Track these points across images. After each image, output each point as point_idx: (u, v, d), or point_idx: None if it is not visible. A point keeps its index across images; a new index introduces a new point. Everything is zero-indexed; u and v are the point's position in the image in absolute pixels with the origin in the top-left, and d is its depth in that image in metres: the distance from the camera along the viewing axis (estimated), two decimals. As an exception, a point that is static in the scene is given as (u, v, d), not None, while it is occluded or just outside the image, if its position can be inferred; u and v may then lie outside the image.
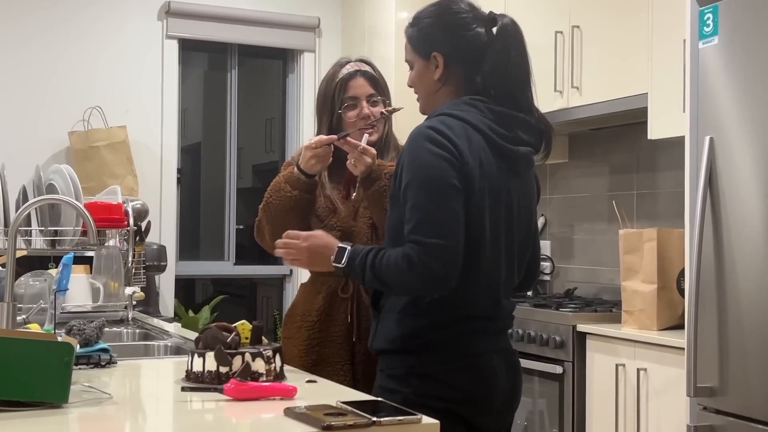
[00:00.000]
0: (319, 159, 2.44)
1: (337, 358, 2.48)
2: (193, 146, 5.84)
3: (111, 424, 1.70)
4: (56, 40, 4.87)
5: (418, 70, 2.12)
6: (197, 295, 5.90)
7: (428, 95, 2.12)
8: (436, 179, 1.91)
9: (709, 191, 2.58)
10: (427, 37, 2.08)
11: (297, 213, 2.50)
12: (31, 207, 2.52)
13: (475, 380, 2.01)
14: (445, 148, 1.93)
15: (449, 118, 1.99)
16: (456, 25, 2.06)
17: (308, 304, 2.55)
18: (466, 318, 2.01)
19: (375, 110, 2.57)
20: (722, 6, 2.60)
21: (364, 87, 2.58)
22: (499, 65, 2.03)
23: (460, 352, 2.00)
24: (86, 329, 2.17)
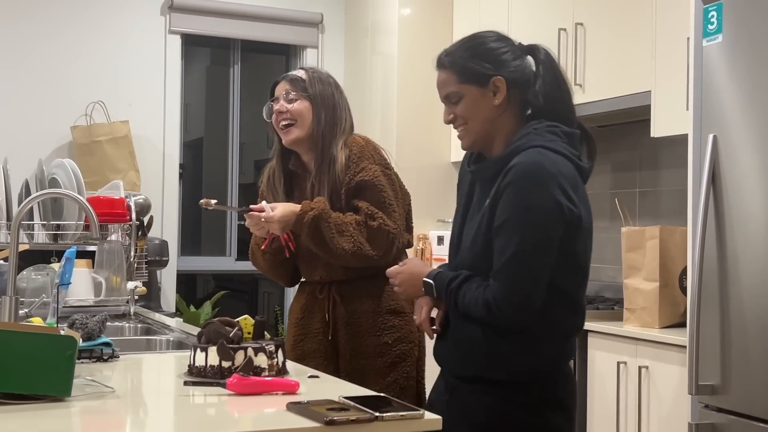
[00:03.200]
0: (254, 227, 2.59)
1: (318, 354, 2.63)
2: (196, 141, 5.84)
3: (113, 417, 1.70)
4: (59, 35, 4.87)
5: (471, 99, 2.03)
6: (199, 291, 5.91)
7: (485, 123, 2.04)
8: (540, 228, 1.92)
9: (712, 189, 2.58)
10: (482, 62, 2.03)
11: (279, 268, 2.74)
12: (34, 201, 2.52)
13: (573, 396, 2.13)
14: (558, 199, 1.91)
15: (550, 152, 1.96)
16: (513, 50, 2.06)
17: (296, 303, 2.75)
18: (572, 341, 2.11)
19: (291, 106, 2.63)
20: (726, 4, 2.60)
21: (282, 87, 2.67)
22: (552, 90, 2.05)
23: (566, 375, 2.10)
24: (89, 323, 2.17)
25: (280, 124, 2.63)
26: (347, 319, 2.61)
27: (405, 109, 4.92)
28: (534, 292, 1.92)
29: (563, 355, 2.05)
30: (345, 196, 2.56)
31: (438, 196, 4.78)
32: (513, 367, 1.97)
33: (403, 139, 4.83)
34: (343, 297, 2.62)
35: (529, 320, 1.94)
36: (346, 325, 2.61)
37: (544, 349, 1.99)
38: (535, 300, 1.92)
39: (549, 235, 1.92)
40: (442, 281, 2.03)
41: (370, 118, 4.98)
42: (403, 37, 4.92)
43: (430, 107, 4.92)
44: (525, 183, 1.92)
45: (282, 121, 2.62)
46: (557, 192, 1.91)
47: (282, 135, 2.64)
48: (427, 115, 4.93)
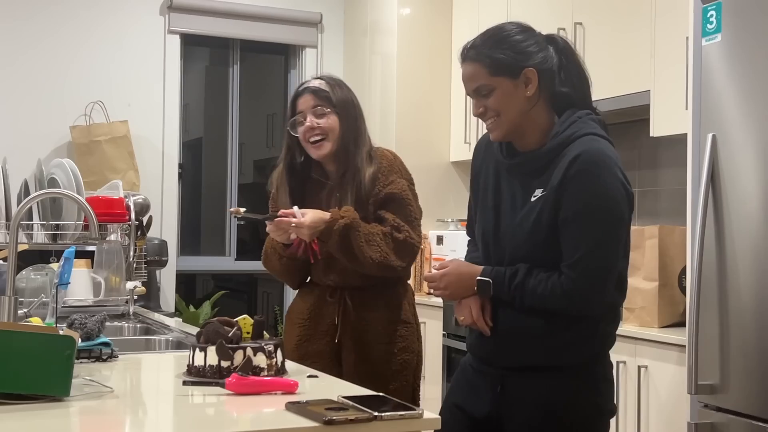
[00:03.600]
0: (278, 232, 2.56)
1: (323, 355, 2.63)
2: (195, 141, 5.84)
3: (112, 417, 1.70)
4: (59, 35, 4.87)
5: (503, 91, 2.03)
6: (198, 290, 5.91)
7: (518, 115, 2.04)
8: (617, 212, 1.98)
9: (711, 189, 2.58)
10: (514, 54, 2.03)
11: (293, 273, 2.72)
12: (33, 201, 2.52)
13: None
14: (623, 181, 1.99)
15: (602, 139, 2.02)
16: (539, 41, 2.07)
17: (301, 304, 2.74)
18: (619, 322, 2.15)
19: (321, 121, 2.63)
20: (725, 3, 2.60)
21: (308, 101, 2.66)
22: (576, 79, 2.08)
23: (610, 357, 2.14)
24: (88, 323, 2.17)
25: (309, 140, 2.63)
26: (356, 324, 2.62)
27: (404, 108, 4.92)
28: (612, 280, 1.99)
29: (614, 337, 2.11)
30: (372, 206, 2.61)
31: (437, 195, 4.79)
32: (574, 352, 2.02)
33: (402, 138, 4.83)
34: (354, 303, 2.63)
35: (605, 308, 2.02)
36: (354, 330, 2.62)
37: (602, 332, 2.05)
38: (612, 287, 1.99)
39: (624, 221, 2.00)
40: (501, 278, 2.03)
41: (370, 118, 4.95)
42: (402, 36, 4.92)
43: (430, 107, 4.94)
44: (596, 170, 1.96)
45: (313, 137, 2.63)
46: (621, 176, 1.99)
47: (312, 149, 2.64)
48: (427, 115, 4.94)
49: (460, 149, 4.82)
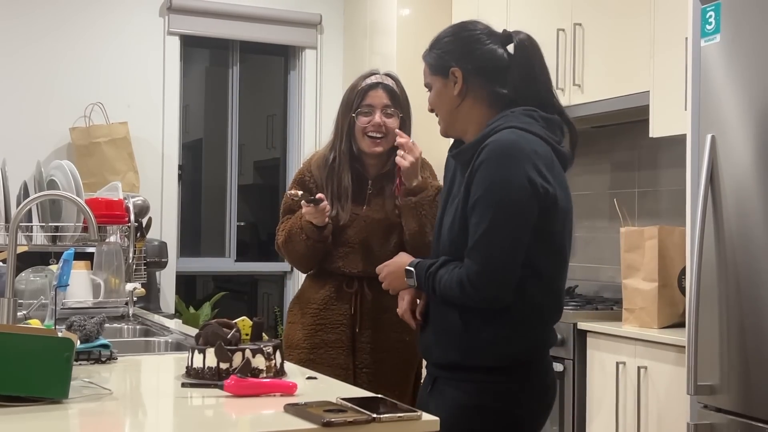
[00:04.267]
0: (317, 214, 2.61)
1: (338, 344, 2.68)
2: (195, 142, 5.84)
3: (111, 419, 1.70)
4: (58, 37, 4.87)
5: (436, 90, 2.15)
6: (198, 292, 5.90)
7: (449, 113, 2.13)
8: (512, 204, 1.93)
9: (711, 189, 2.58)
10: (444, 54, 2.12)
11: (314, 256, 2.73)
12: (32, 203, 2.53)
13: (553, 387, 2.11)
14: (530, 175, 1.94)
15: (525, 133, 1.99)
16: (471, 39, 2.10)
17: (314, 293, 2.76)
18: (550, 327, 2.09)
19: (388, 121, 2.71)
20: (724, 4, 2.60)
21: (381, 98, 2.73)
22: (525, 78, 2.07)
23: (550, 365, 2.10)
24: (87, 325, 2.17)
25: (369, 134, 2.69)
26: (373, 314, 2.69)
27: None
28: (507, 268, 1.93)
29: (542, 342, 2.05)
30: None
31: (437, 196, 4.78)
32: (492, 353, 1.98)
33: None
34: (373, 293, 2.67)
35: (503, 298, 1.95)
36: (371, 319, 2.69)
37: (522, 335, 1.99)
38: (509, 277, 1.93)
39: (522, 211, 1.93)
40: (422, 269, 2.06)
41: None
42: (402, 37, 4.92)
43: (429, 108, 4.93)
44: (498, 160, 1.95)
45: (375, 133, 2.69)
46: (530, 169, 1.93)
47: (367, 143, 2.70)
48: (426, 116, 4.92)
49: (460, 150, 4.81)
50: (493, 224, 1.92)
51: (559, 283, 2.05)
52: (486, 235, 1.92)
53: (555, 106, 2.10)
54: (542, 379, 2.06)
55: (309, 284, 2.81)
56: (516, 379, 2.00)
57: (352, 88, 2.77)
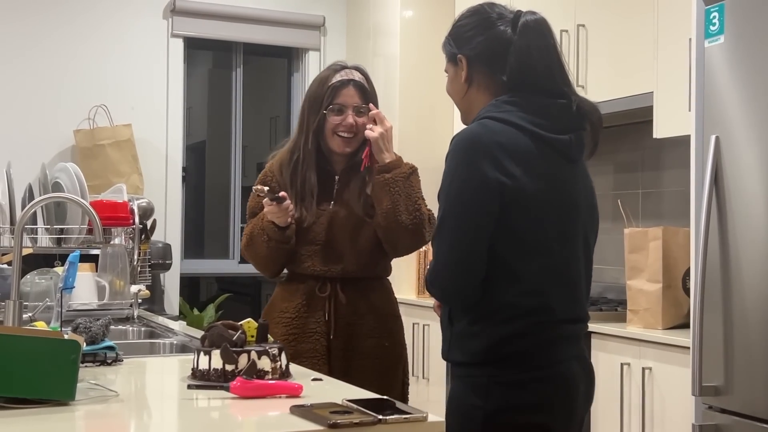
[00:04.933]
0: (280, 213, 2.52)
1: (314, 353, 2.57)
2: (198, 144, 5.85)
3: (117, 421, 1.70)
4: (62, 39, 4.88)
5: (449, 77, 2.12)
6: (202, 294, 5.91)
7: (460, 100, 2.10)
8: (462, 200, 1.90)
9: (715, 190, 2.58)
10: (454, 41, 2.09)
11: (277, 259, 2.63)
12: (37, 205, 2.53)
13: (557, 389, 1.97)
14: (481, 169, 1.88)
15: (492, 122, 1.94)
16: (479, 25, 2.05)
17: (286, 302, 2.65)
18: (549, 324, 1.96)
19: (360, 120, 2.61)
20: (728, 5, 2.60)
21: (353, 97, 2.62)
22: (521, 61, 1.98)
23: (543, 361, 1.95)
24: (92, 327, 2.17)
25: (340, 133, 2.60)
26: (348, 319, 2.59)
27: (407, 110, 4.93)
28: (456, 265, 1.90)
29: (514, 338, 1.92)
30: None
31: (441, 198, 4.78)
32: (459, 349, 1.96)
33: (405, 140, 4.84)
34: (347, 296, 2.59)
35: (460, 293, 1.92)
36: (346, 325, 2.59)
37: (488, 332, 1.92)
38: (460, 273, 1.90)
39: (469, 210, 1.89)
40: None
41: (373, 121, 4.98)
42: (405, 38, 4.93)
43: (433, 108, 4.94)
44: (455, 155, 1.93)
45: (346, 133, 2.60)
46: (486, 164, 1.87)
47: (338, 143, 2.60)
48: (430, 117, 4.94)
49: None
50: (443, 223, 1.91)
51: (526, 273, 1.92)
52: (437, 231, 1.93)
53: (567, 91, 2.00)
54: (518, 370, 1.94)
55: (280, 293, 2.69)
56: (484, 373, 1.93)
57: (321, 82, 2.63)
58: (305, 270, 2.61)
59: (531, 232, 1.92)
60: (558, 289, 1.96)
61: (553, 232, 1.95)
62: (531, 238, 1.92)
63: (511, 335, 1.92)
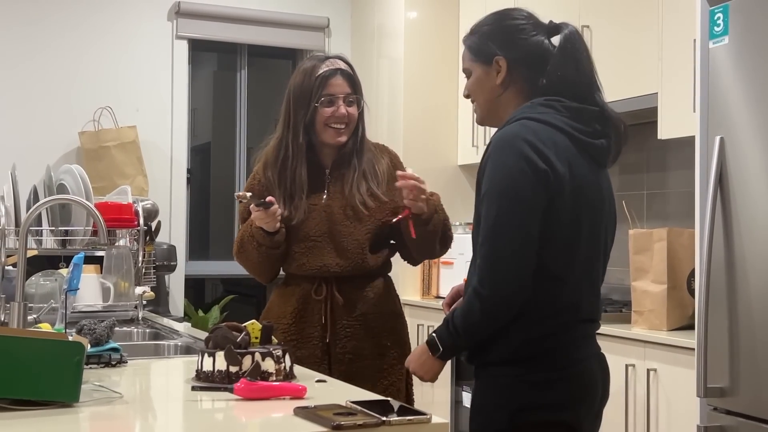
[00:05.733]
0: (267, 219, 2.47)
1: (314, 359, 2.51)
2: (203, 146, 5.85)
3: (121, 423, 1.70)
4: (67, 42, 4.89)
5: (477, 77, 2.09)
6: (207, 295, 5.91)
7: (489, 101, 2.08)
8: (515, 191, 1.89)
9: (720, 191, 2.58)
10: (489, 42, 2.06)
11: (269, 264, 2.61)
12: (42, 207, 2.53)
13: (579, 387, 2.02)
14: (529, 157, 1.90)
15: (532, 122, 1.95)
16: (518, 29, 2.06)
17: (282, 307, 2.60)
18: (575, 323, 2.00)
19: (351, 110, 2.57)
20: (733, 5, 2.59)
21: (342, 86, 2.56)
22: (566, 73, 2.02)
23: (568, 360, 1.99)
24: (97, 329, 2.18)
25: (333, 124, 2.54)
26: (346, 321, 2.54)
27: (412, 111, 4.93)
28: (516, 256, 1.88)
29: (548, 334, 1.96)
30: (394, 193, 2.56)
31: (445, 199, 4.74)
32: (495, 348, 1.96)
33: (410, 142, 4.84)
34: (344, 297, 2.54)
35: (519, 290, 1.89)
36: (344, 327, 2.53)
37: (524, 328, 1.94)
38: (521, 265, 1.88)
39: (526, 198, 1.88)
40: (440, 330, 2.01)
41: (377, 121, 4.99)
42: (410, 40, 4.93)
43: (437, 110, 4.94)
44: (499, 152, 1.92)
45: (338, 124, 2.54)
46: (534, 157, 1.89)
47: (330, 135, 2.54)
48: (434, 118, 4.94)
49: (468, 153, 4.81)
50: (499, 215, 1.89)
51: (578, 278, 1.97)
52: (492, 226, 1.89)
53: (594, 100, 2.04)
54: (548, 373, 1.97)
55: (276, 298, 2.64)
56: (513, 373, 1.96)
57: (307, 73, 2.57)
58: (300, 269, 2.56)
59: (569, 229, 1.95)
60: (587, 289, 2.02)
61: (586, 231, 1.98)
62: (568, 235, 1.95)
63: (543, 335, 1.96)
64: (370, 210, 2.55)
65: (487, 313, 1.92)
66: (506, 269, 1.89)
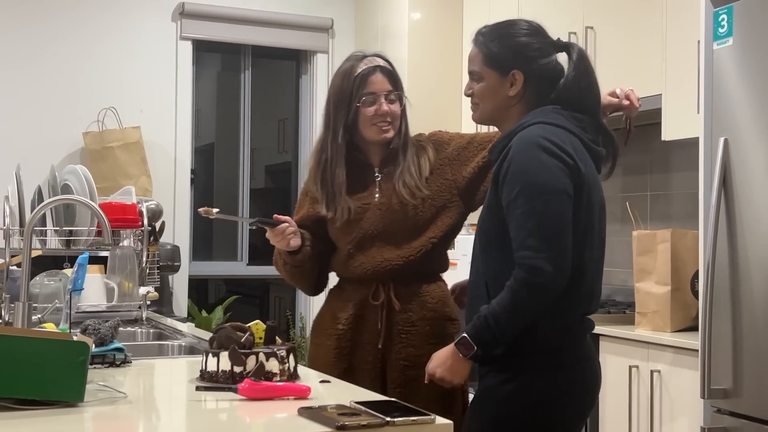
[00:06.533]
0: (277, 238, 2.46)
1: (368, 365, 2.46)
2: (207, 147, 5.86)
3: (126, 423, 1.71)
4: (71, 43, 4.89)
5: (489, 84, 2.13)
6: (210, 295, 5.92)
7: (496, 109, 2.14)
8: (549, 186, 1.97)
9: (723, 192, 2.58)
10: (509, 54, 2.11)
11: (303, 280, 2.59)
12: (47, 207, 2.54)
13: (586, 379, 2.10)
14: (557, 155, 1.99)
15: (548, 126, 2.03)
16: (538, 49, 2.12)
17: (338, 312, 2.53)
18: (584, 318, 2.10)
19: (392, 108, 2.53)
20: (737, 7, 2.59)
21: (383, 83, 2.53)
22: (573, 88, 2.10)
23: (577, 353, 2.09)
24: (101, 329, 2.18)
25: (377, 123, 2.50)
26: (402, 327, 2.47)
27: (415, 112, 4.89)
28: (564, 244, 1.95)
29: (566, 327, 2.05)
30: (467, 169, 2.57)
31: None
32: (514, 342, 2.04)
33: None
34: (401, 302, 2.47)
35: (563, 266, 1.96)
36: (400, 333, 2.46)
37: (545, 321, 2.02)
38: (568, 253, 1.96)
39: (567, 190, 1.97)
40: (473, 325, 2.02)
41: (381, 123, 4.98)
42: (413, 41, 4.93)
43: (440, 111, 4.93)
44: (526, 151, 1.99)
45: (382, 122, 2.51)
46: (555, 148, 1.98)
47: (375, 133, 2.50)
48: (437, 119, 4.92)
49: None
50: (547, 207, 1.95)
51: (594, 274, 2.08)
52: (543, 219, 1.95)
53: (597, 117, 2.14)
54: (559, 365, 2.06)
55: (331, 302, 2.57)
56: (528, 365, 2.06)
57: (346, 74, 2.53)
58: (356, 271, 2.50)
59: (584, 223, 2.03)
60: (592, 285, 2.09)
61: (597, 227, 2.08)
62: (584, 229, 2.02)
63: (561, 329, 2.03)
64: (421, 202, 2.51)
65: (535, 301, 1.97)
66: (563, 258, 1.95)
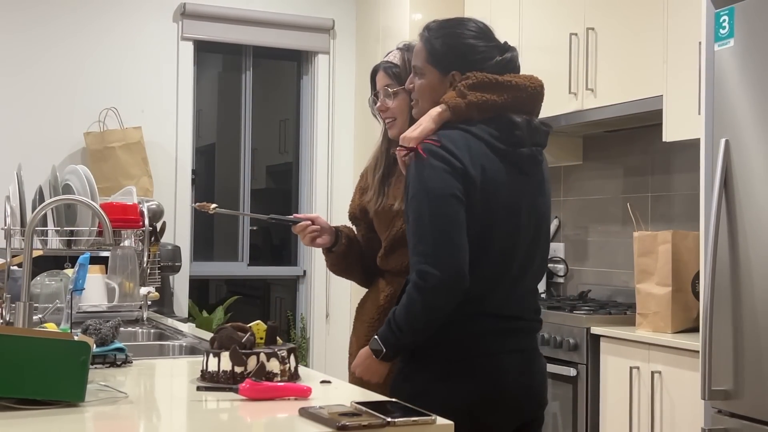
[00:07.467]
0: (301, 234, 2.48)
1: None
2: (208, 147, 5.86)
3: (126, 423, 1.71)
4: (72, 43, 4.90)
5: (430, 81, 2.16)
6: (211, 296, 5.92)
7: (429, 107, 2.14)
8: (435, 191, 1.99)
9: (724, 194, 2.58)
10: (452, 54, 2.13)
11: (345, 270, 2.58)
12: (48, 207, 2.54)
13: (481, 380, 2.05)
14: (444, 158, 2.00)
15: (451, 130, 2.06)
16: (480, 52, 2.13)
17: (374, 301, 2.53)
18: (478, 316, 2.06)
19: (389, 102, 2.49)
20: (738, 8, 2.59)
21: (381, 79, 2.53)
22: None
23: (470, 351, 2.06)
24: (102, 329, 2.18)
25: (384, 120, 2.51)
26: None
27: (416, 114, 4.92)
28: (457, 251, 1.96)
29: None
30: None
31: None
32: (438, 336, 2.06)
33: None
34: None
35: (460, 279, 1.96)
36: None
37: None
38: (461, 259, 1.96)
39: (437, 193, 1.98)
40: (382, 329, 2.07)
41: (382, 124, 4.99)
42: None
43: (442, 112, 4.93)
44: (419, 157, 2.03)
45: (387, 119, 2.49)
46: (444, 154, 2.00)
47: (388, 128, 2.50)
48: (439, 120, 4.94)
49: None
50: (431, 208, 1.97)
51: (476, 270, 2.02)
52: (430, 221, 1.97)
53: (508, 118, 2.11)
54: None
55: (371, 292, 2.56)
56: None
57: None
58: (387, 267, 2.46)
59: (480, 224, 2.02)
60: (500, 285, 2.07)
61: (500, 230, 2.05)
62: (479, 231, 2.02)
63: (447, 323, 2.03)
64: None
65: (428, 304, 1.99)
66: (453, 258, 1.96)
